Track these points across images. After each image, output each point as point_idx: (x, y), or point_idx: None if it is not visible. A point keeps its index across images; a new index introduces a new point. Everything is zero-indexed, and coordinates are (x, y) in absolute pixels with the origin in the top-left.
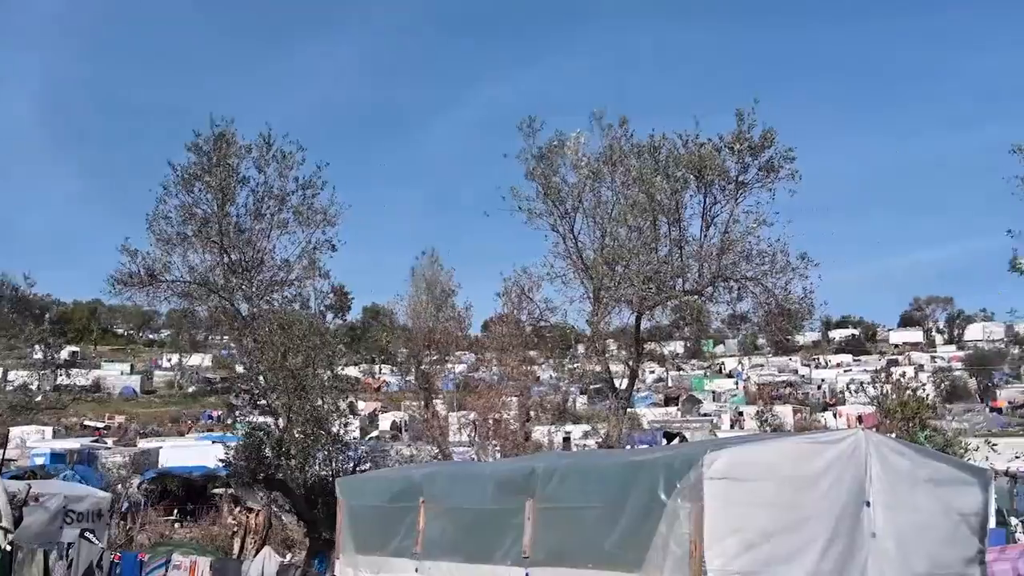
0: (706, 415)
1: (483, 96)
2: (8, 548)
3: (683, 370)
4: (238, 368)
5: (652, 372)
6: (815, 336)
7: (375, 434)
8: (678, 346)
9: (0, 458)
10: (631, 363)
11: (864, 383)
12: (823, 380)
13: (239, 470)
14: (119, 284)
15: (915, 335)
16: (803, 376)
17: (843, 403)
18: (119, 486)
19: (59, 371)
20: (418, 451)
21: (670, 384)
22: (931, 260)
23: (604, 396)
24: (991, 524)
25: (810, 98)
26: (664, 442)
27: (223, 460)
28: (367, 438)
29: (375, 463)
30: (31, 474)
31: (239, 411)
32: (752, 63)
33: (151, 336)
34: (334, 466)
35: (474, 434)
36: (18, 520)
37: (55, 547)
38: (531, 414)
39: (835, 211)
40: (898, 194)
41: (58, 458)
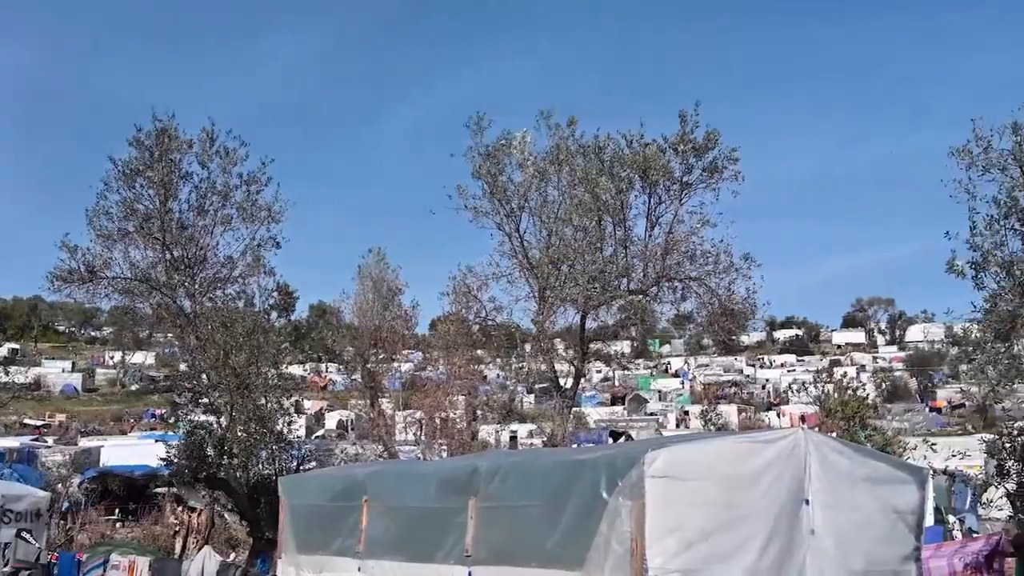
0: (652, 414)
1: (431, 95)
2: None
3: (629, 369)
4: (181, 366)
5: (599, 371)
6: (760, 336)
7: (321, 433)
8: (624, 346)
9: None
10: (576, 362)
11: (806, 383)
12: (767, 380)
13: (180, 469)
14: (58, 281)
15: (857, 336)
16: (748, 376)
17: (787, 403)
18: (59, 485)
19: None
20: (363, 450)
21: (617, 383)
22: (874, 262)
23: (550, 395)
24: (928, 522)
25: (756, 100)
26: (610, 441)
27: (164, 459)
28: (313, 437)
29: (320, 462)
30: None
31: (182, 410)
32: (700, 65)
33: (93, 333)
34: (277, 465)
35: (420, 433)
36: None
37: None
38: (478, 413)
39: (781, 213)
40: (844, 197)
41: None
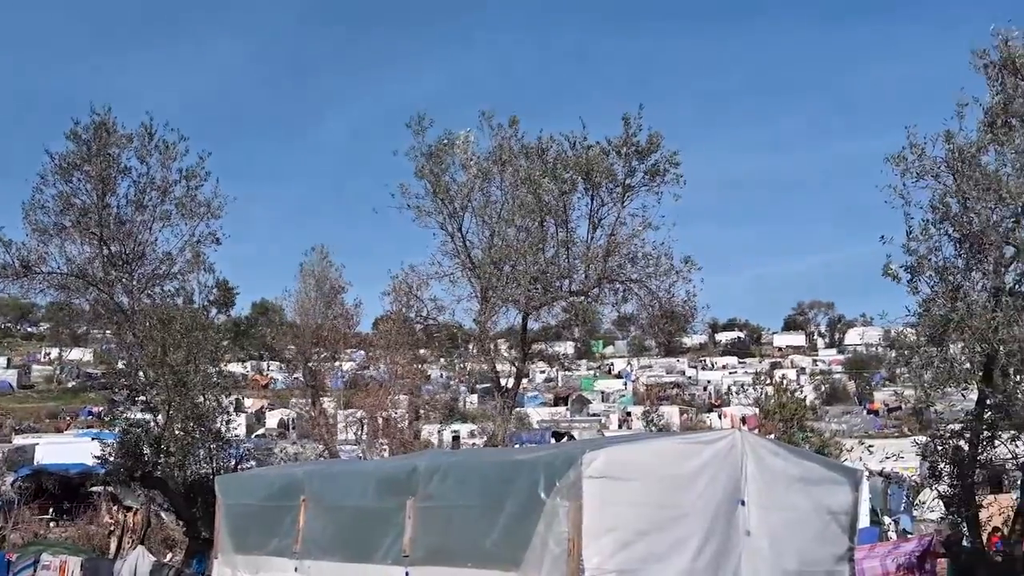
0: (595, 415)
1: (375, 92)
2: None
3: (572, 370)
4: (119, 363)
5: (542, 372)
6: (702, 338)
7: (262, 432)
8: (568, 347)
9: None
10: (517, 363)
11: (746, 385)
12: (709, 382)
13: (116, 468)
14: None
15: (798, 339)
16: (690, 377)
17: (728, 404)
18: None
19: None
20: (304, 449)
21: (560, 384)
22: (815, 265)
23: (493, 395)
24: (864, 523)
25: (701, 102)
26: (553, 441)
27: (99, 458)
28: (253, 436)
29: (259, 461)
30: None
31: (119, 407)
32: (640, 67)
33: (29, 329)
34: (215, 464)
35: (361, 432)
36: None
37: None
38: (420, 413)
39: (724, 216)
40: (787, 200)
41: None
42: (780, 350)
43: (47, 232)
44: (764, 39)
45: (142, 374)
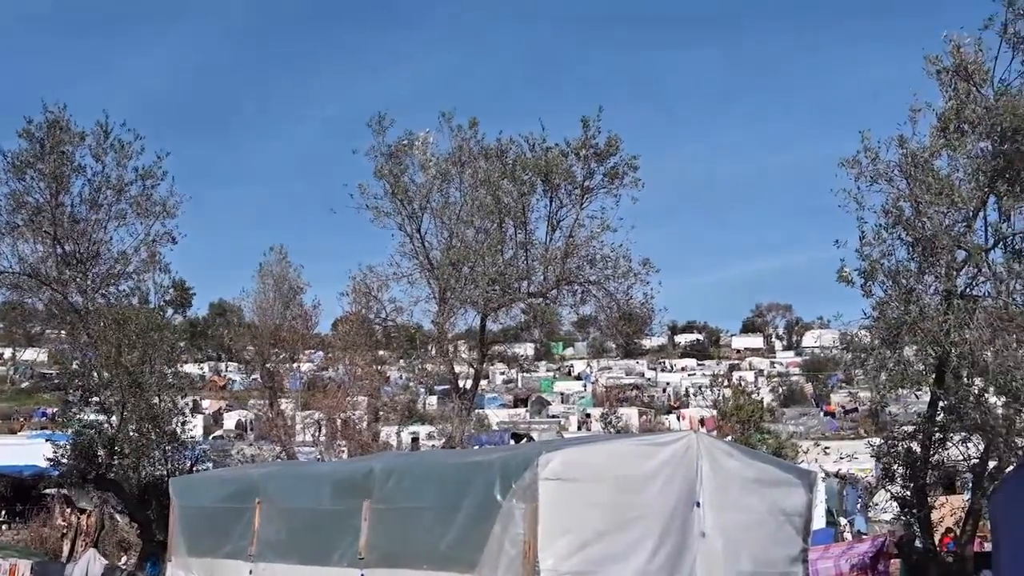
0: (554, 417)
1: (334, 92)
2: None
3: (532, 372)
4: (73, 364)
5: (502, 374)
6: (661, 340)
7: (219, 433)
8: (528, 348)
9: None
10: (476, 364)
11: (703, 387)
12: (668, 383)
13: (69, 470)
14: None
15: (756, 341)
16: (649, 379)
17: (687, 406)
18: None
19: None
20: (261, 451)
21: (520, 386)
22: (774, 268)
23: (451, 397)
24: (819, 524)
25: (664, 101)
26: (512, 443)
27: (51, 459)
28: (211, 437)
29: (216, 463)
30: None
31: (73, 408)
32: (600, 71)
33: None
34: (170, 466)
35: (319, 434)
36: None
37: None
38: (379, 414)
39: (682, 217)
40: (744, 202)
41: None
42: (738, 352)
43: None
44: (737, 42)
45: (96, 375)
